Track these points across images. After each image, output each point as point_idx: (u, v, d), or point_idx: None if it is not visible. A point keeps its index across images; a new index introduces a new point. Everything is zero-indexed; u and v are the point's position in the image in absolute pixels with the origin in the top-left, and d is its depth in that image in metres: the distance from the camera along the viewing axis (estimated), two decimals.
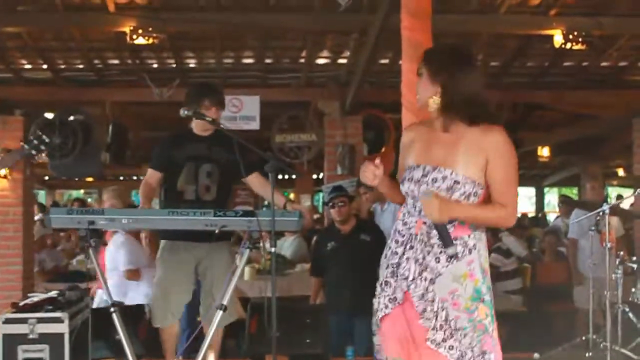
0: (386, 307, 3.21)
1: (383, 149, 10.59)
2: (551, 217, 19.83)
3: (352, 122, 10.05)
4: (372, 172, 3.21)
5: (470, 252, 3.08)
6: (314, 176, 16.81)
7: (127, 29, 7.89)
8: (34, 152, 4.49)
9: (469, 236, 3.09)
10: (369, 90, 9.74)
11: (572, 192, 24.31)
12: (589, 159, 15.86)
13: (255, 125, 8.90)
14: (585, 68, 10.21)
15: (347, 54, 9.27)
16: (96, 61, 9.57)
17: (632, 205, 9.76)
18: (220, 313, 4.71)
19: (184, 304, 5.10)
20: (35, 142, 4.48)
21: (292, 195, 14.88)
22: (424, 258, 3.10)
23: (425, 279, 3.08)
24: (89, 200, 21.79)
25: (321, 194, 18.80)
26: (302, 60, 9.49)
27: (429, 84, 3.12)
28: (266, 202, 9.14)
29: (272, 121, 10.16)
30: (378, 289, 3.29)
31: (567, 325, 7.89)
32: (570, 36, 7.94)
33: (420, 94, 3.19)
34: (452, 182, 3.04)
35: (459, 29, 7.96)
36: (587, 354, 5.95)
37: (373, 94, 10.10)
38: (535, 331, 7.76)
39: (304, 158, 10.29)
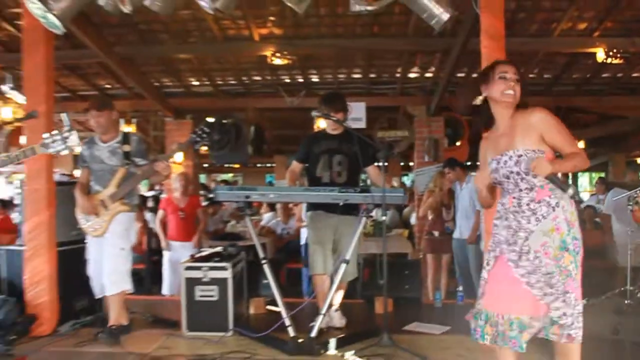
0: (487, 264, 3.22)
1: (459, 142, 10.45)
2: (584, 195, 19.22)
3: (435, 121, 9.98)
4: (482, 179, 3.32)
5: (554, 209, 3.03)
6: (402, 163, 16.79)
7: (268, 53, 7.95)
8: (198, 139, 4.58)
9: (549, 197, 3.04)
10: (448, 97, 9.55)
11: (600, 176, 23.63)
12: (615, 150, 15.87)
13: (362, 124, 8.87)
14: (620, 78, 9.79)
15: (432, 69, 9.11)
16: (244, 78, 9.67)
17: None
18: (344, 265, 4.71)
19: (332, 258, 5.07)
20: (199, 132, 4.57)
21: None
22: (518, 222, 3.08)
23: (521, 237, 3.06)
24: (236, 180, 22.27)
25: (408, 176, 18.84)
26: (398, 75, 9.38)
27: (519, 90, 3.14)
28: None
29: (374, 121, 10.12)
30: (486, 254, 3.29)
31: (607, 279, 7.56)
32: (610, 53, 7.69)
33: (517, 95, 3.14)
34: (517, 156, 3.06)
35: (522, 49, 7.74)
36: (626, 301, 5.68)
37: (452, 100, 9.87)
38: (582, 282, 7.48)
39: (398, 149, 10.33)
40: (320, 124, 8.99)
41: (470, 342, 4.61)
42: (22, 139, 10.05)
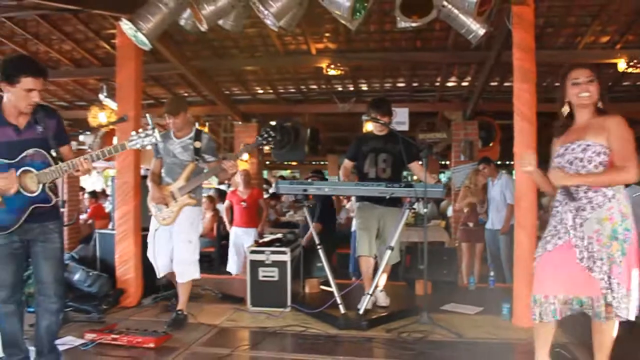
0: (544, 247, 3.17)
1: (491, 144, 10.25)
2: None
3: (470, 125, 9.77)
4: (529, 160, 3.20)
5: (609, 200, 2.98)
6: (441, 162, 16.59)
7: (323, 65, 7.93)
8: (264, 142, 4.58)
9: (606, 188, 2.99)
10: (482, 103, 9.37)
11: None
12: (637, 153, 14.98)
13: (405, 127, 8.78)
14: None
15: (469, 78, 8.94)
16: (302, 86, 9.67)
17: None
18: (389, 252, 4.69)
19: (376, 243, 5.04)
20: (265, 135, 4.57)
21: None
22: (576, 210, 3.05)
23: (577, 223, 3.03)
24: (294, 176, 22.40)
25: (445, 173, 18.59)
26: (437, 84, 9.25)
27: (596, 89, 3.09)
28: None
29: (416, 125, 10.02)
30: (547, 236, 3.20)
31: None
32: (631, 63, 7.43)
33: (593, 94, 3.08)
34: (585, 145, 3.02)
35: (549, 60, 7.48)
36: None
37: (485, 105, 9.70)
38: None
39: (436, 149, 10.19)
40: (368, 126, 8.96)
41: (500, 321, 4.62)
42: (114, 140, 10.39)
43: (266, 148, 10.52)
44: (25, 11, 6.20)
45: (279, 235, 5.75)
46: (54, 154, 3.26)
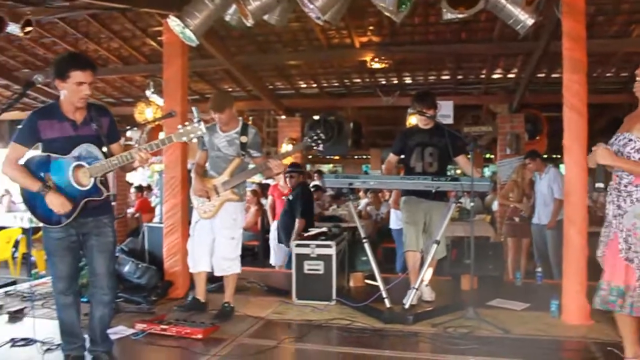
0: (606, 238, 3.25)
1: (538, 137, 10.04)
2: None
3: (516, 117, 9.59)
4: (601, 152, 3.14)
5: None
6: (486, 155, 16.36)
7: (367, 58, 7.92)
8: (312, 145, 4.57)
9: None
10: (529, 95, 9.19)
11: None
12: None
13: (449, 120, 8.65)
14: None
15: (515, 70, 8.77)
16: (345, 80, 9.65)
17: None
18: (435, 246, 4.66)
19: (422, 237, 5.03)
20: (314, 138, 4.56)
21: None
22: (618, 200, 3.12)
23: (618, 214, 3.10)
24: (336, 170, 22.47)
25: (489, 167, 18.34)
26: (482, 76, 9.10)
27: None
28: None
29: (460, 118, 9.88)
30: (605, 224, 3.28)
31: None
32: None
33: None
34: (627, 140, 3.08)
35: (601, 50, 7.29)
36: None
37: (532, 98, 9.52)
38: None
39: (482, 142, 10.01)
40: (412, 120, 8.89)
41: (549, 318, 4.52)
42: (160, 135, 10.59)
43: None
44: (77, 11, 6.38)
45: (324, 229, 5.77)
46: (104, 150, 3.35)
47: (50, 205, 3.22)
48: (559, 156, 13.84)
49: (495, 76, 9.18)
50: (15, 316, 4.67)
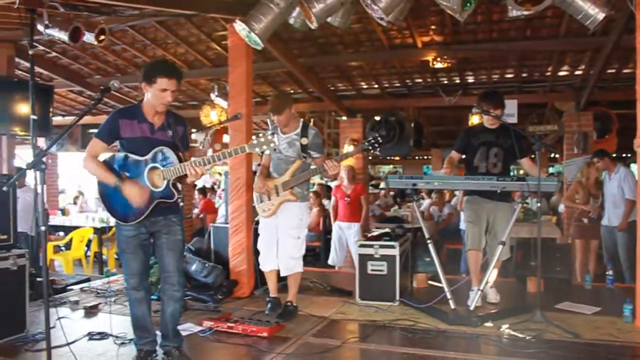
0: None
1: (607, 135, 9.68)
2: None
3: (584, 116, 9.26)
4: None
5: None
6: (552, 155, 15.88)
7: (429, 58, 7.83)
8: (369, 148, 4.54)
9: None
10: (597, 92, 8.88)
11: None
12: None
13: (514, 120, 8.44)
14: None
15: (582, 67, 8.48)
16: (407, 81, 9.58)
17: None
18: (500, 247, 4.60)
19: (485, 238, 4.97)
20: (372, 141, 4.53)
21: None
22: None
23: None
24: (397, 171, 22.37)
25: (554, 167, 17.83)
26: (548, 73, 8.85)
27: None
28: None
29: (525, 117, 9.66)
30: None
31: None
32: None
33: None
34: None
35: None
36: None
37: (601, 95, 9.22)
38: None
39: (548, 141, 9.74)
40: (474, 119, 8.75)
41: (621, 323, 4.37)
42: (225, 138, 10.82)
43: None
44: (146, 19, 6.60)
45: (387, 230, 5.76)
46: (180, 154, 3.49)
47: (127, 194, 3.37)
48: (629, 155, 13.32)
49: (561, 73, 8.91)
50: (91, 311, 4.92)
